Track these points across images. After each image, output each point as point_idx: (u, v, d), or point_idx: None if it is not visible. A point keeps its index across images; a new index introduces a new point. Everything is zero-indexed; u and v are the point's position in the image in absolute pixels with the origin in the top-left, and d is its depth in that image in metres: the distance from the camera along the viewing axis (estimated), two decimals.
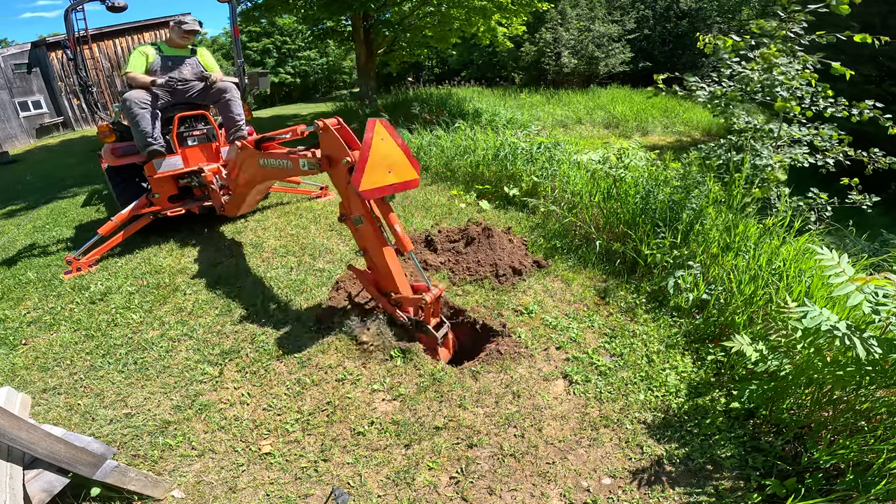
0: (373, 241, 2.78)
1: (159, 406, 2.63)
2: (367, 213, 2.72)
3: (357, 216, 2.74)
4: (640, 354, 2.89)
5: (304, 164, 2.88)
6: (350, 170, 2.59)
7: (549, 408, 2.53)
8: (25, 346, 3.25)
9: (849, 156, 4.08)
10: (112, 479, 1.91)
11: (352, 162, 2.57)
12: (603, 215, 4.22)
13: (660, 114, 14.66)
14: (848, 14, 3.58)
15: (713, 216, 3.51)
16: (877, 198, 4.11)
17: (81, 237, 5.19)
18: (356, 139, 2.68)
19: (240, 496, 2.12)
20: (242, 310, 3.47)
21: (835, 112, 3.87)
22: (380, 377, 2.77)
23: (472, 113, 10.94)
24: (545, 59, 20.93)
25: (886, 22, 9.53)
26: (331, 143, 2.66)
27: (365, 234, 2.78)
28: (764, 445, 2.22)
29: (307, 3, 11.83)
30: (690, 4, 22.98)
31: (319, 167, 2.76)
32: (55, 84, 18.04)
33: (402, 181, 2.66)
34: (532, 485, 2.13)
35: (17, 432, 1.67)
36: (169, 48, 4.53)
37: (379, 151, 2.54)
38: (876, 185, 4.57)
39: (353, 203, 2.72)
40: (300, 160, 2.89)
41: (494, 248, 3.93)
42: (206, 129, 4.69)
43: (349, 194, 2.68)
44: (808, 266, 2.95)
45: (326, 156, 2.72)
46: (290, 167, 3.03)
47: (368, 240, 2.80)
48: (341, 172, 2.66)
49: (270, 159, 3.18)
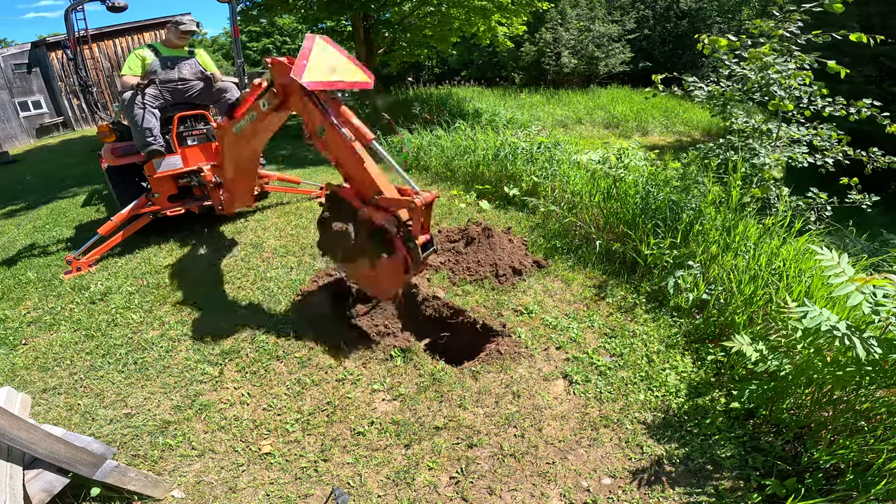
0: (340, 146, 2.60)
1: (159, 406, 2.63)
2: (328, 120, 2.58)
3: (319, 126, 2.62)
4: (639, 354, 2.89)
5: (263, 104, 2.89)
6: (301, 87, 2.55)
7: (549, 408, 2.53)
8: (25, 346, 3.25)
9: (848, 155, 4.08)
10: (112, 479, 1.91)
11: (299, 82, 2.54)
12: (603, 215, 4.22)
13: (660, 114, 14.67)
14: (848, 14, 3.59)
15: (713, 216, 3.51)
16: (876, 197, 4.10)
17: (81, 237, 5.19)
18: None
19: (240, 496, 2.12)
20: (242, 310, 3.47)
21: (833, 111, 3.87)
22: (380, 377, 2.77)
23: (472, 113, 10.95)
24: (545, 59, 20.92)
25: (886, 22, 9.52)
26: (281, 70, 2.66)
27: (331, 141, 2.62)
28: (764, 445, 2.22)
29: (307, 3, 11.82)
30: (690, 4, 22.98)
31: (277, 97, 2.77)
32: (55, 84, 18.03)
33: (350, 80, 2.60)
34: (532, 485, 2.13)
35: (17, 432, 1.67)
36: (166, 49, 4.54)
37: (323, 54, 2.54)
38: (875, 185, 4.57)
39: (311, 116, 2.64)
40: (258, 102, 2.91)
41: (494, 248, 3.93)
42: (205, 129, 4.69)
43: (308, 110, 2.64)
44: (808, 266, 2.95)
45: (280, 85, 2.72)
46: (254, 116, 3.03)
47: (335, 145, 2.62)
48: (296, 93, 2.64)
49: (239, 122, 3.18)
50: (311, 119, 2.66)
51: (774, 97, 3.82)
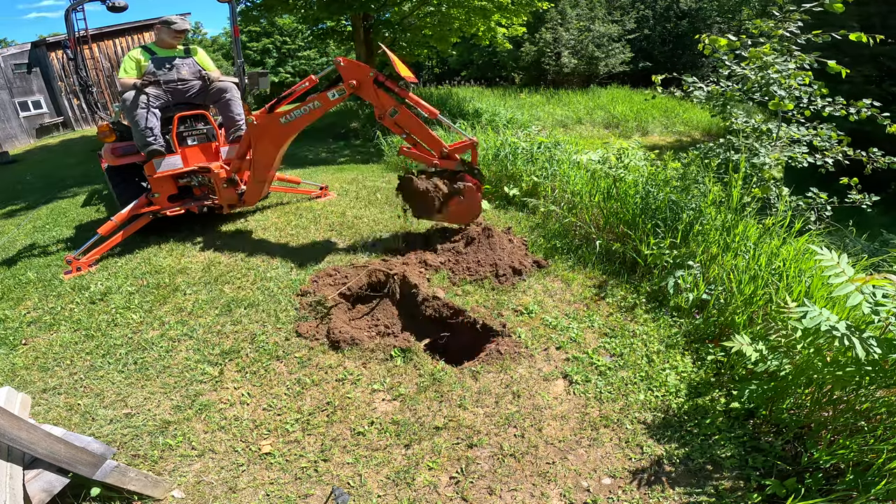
0: (410, 121, 3.57)
1: (159, 406, 2.63)
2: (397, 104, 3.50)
3: (391, 109, 3.50)
4: (640, 354, 2.89)
5: (333, 95, 3.58)
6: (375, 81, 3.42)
7: (549, 408, 2.53)
8: (25, 346, 3.25)
9: (848, 155, 4.08)
10: (112, 479, 1.91)
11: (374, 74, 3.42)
12: (603, 215, 4.22)
13: (660, 114, 14.67)
14: (848, 14, 3.59)
15: (713, 216, 3.51)
16: (876, 197, 4.10)
17: (81, 237, 5.19)
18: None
19: (240, 496, 2.12)
20: (242, 310, 3.47)
21: (833, 111, 3.87)
22: (380, 377, 2.77)
23: (472, 113, 10.95)
24: (545, 59, 20.93)
25: (886, 22, 9.52)
26: (353, 68, 3.49)
27: (402, 120, 3.54)
28: (764, 445, 2.22)
29: (307, 3, 11.82)
30: (690, 4, 22.99)
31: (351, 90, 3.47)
32: (55, 84, 18.03)
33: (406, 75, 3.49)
34: (532, 485, 2.13)
35: (17, 432, 1.67)
36: (161, 49, 4.53)
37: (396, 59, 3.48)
38: (875, 185, 4.57)
39: (384, 102, 3.50)
40: (328, 93, 3.59)
41: (494, 248, 3.92)
42: (205, 129, 4.69)
43: (380, 97, 3.48)
44: (807, 266, 2.95)
45: (353, 80, 3.47)
46: (318, 105, 3.67)
47: (406, 121, 3.57)
48: (369, 87, 3.45)
49: (294, 111, 3.75)
50: (382, 104, 3.53)
51: (774, 97, 3.82)
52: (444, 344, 3.27)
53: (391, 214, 5.19)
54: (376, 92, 3.43)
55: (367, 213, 5.28)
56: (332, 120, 13.51)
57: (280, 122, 3.81)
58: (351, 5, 10.93)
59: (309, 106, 3.68)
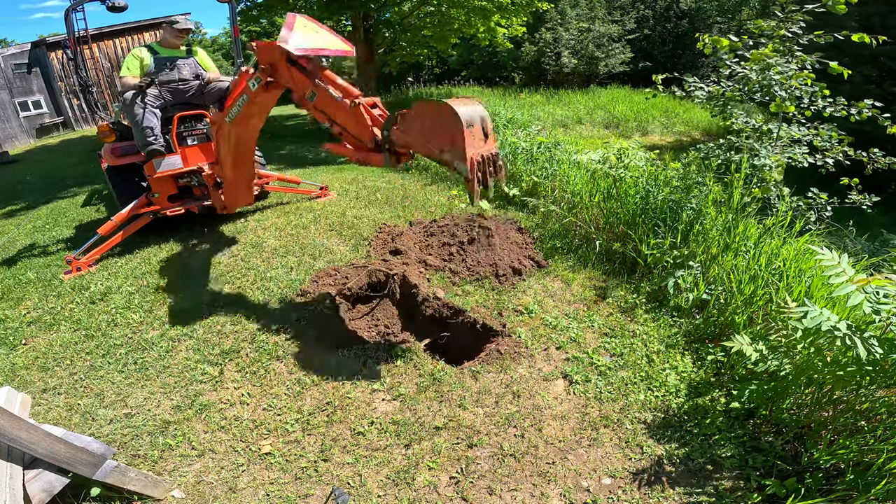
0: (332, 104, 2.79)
1: (159, 406, 2.63)
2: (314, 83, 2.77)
3: (309, 92, 2.81)
4: (640, 354, 2.89)
5: (252, 84, 3.01)
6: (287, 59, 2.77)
7: (549, 408, 2.53)
8: (25, 346, 3.25)
9: (848, 156, 4.08)
10: (112, 479, 1.91)
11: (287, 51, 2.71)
12: (603, 215, 4.22)
13: (660, 114, 14.67)
14: (848, 15, 3.59)
15: (713, 216, 3.51)
16: (876, 198, 4.11)
17: (81, 237, 5.18)
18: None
19: (240, 496, 2.12)
20: (242, 310, 3.47)
21: (834, 112, 3.87)
22: (380, 377, 2.77)
23: None
24: (545, 59, 20.93)
25: (886, 22, 9.53)
26: (265, 49, 2.87)
27: (322, 102, 2.82)
28: (764, 445, 2.22)
29: (307, 3, 11.83)
30: (690, 4, 22.98)
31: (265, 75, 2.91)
32: (55, 84, 18.03)
33: (333, 48, 2.80)
34: (532, 485, 2.13)
35: (17, 432, 1.67)
36: (164, 49, 4.53)
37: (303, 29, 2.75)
38: (875, 185, 4.57)
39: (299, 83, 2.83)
40: (246, 83, 3.04)
41: (494, 248, 3.93)
42: (205, 129, 4.69)
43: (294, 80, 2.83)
44: (808, 266, 2.95)
45: (267, 63, 2.89)
46: (245, 98, 3.15)
47: (326, 104, 2.81)
48: (283, 67, 2.82)
49: (231, 108, 3.27)
50: (298, 86, 2.85)
51: (776, 98, 3.82)
52: (444, 344, 3.27)
53: (391, 214, 5.19)
54: (290, 72, 2.84)
55: (367, 213, 5.28)
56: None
57: (226, 120, 3.39)
58: (351, 5, 10.93)
59: (239, 100, 3.20)
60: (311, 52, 2.73)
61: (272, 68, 2.89)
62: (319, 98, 2.80)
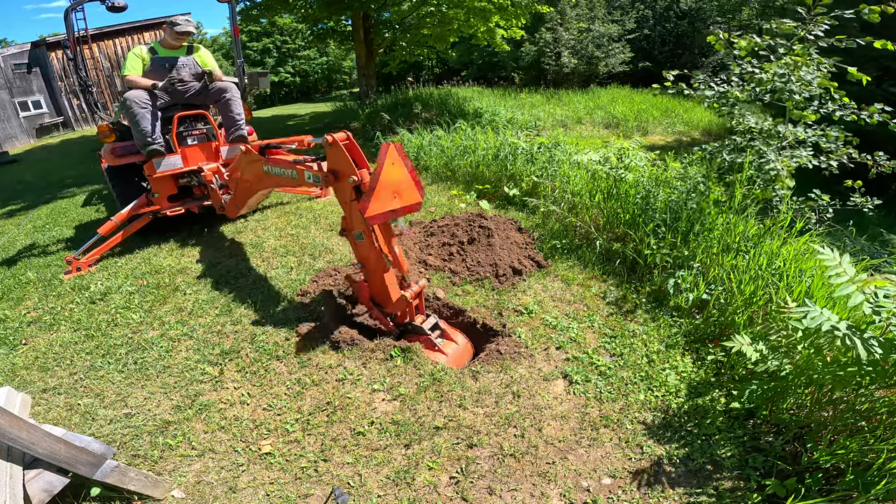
0: (372, 259, 2.82)
1: (159, 406, 2.63)
2: (369, 232, 2.73)
3: (359, 232, 2.77)
4: (640, 354, 2.89)
5: (309, 177, 2.90)
6: (355, 188, 2.64)
7: (549, 408, 2.53)
8: (25, 346, 3.25)
9: (853, 158, 4.05)
10: (112, 478, 1.91)
11: (357, 181, 2.60)
12: (603, 215, 4.22)
13: (660, 114, 14.66)
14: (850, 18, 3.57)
15: (714, 216, 3.51)
16: (878, 200, 4.11)
17: (81, 237, 5.19)
18: (363, 157, 2.71)
19: (240, 496, 2.12)
20: (242, 310, 3.47)
21: (844, 115, 3.83)
22: (380, 377, 2.76)
23: (472, 113, 10.94)
24: (545, 59, 20.91)
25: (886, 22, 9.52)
26: (338, 158, 2.67)
27: (365, 251, 2.83)
28: (764, 445, 2.22)
29: (307, 3, 11.82)
30: (690, 4, 22.97)
31: (325, 182, 2.77)
32: (55, 84, 18.04)
33: (405, 205, 2.70)
34: (532, 485, 2.13)
35: (17, 432, 1.67)
36: (164, 49, 4.53)
37: (389, 177, 2.57)
38: (876, 187, 4.57)
39: (355, 220, 2.75)
40: (306, 172, 2.92)
41: (494, 248, 3.93)
42: (205, 129, 4.69)
43: (352, 211, 2.71)
44: (808, 266, 2.96)
45: (332, 170, 2.72)
46: (294, 177, 3.07)
47: (367, 257, 2.84)
48: (346, 189, 2.68)
49: (276, 167, 3.22)
50: (354, 222, 2.77)
51: (788, 101, 3.78)
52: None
53: None
54: (352, 204, 2.68)
55: None
56: (333, 119, 13.51)
57: (263, 168, 3.36)
58: (351, 5, 10.93)
59: (287, 171, 3.12)
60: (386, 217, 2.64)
61: (336, 179, 2.72)
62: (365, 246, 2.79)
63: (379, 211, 2.58)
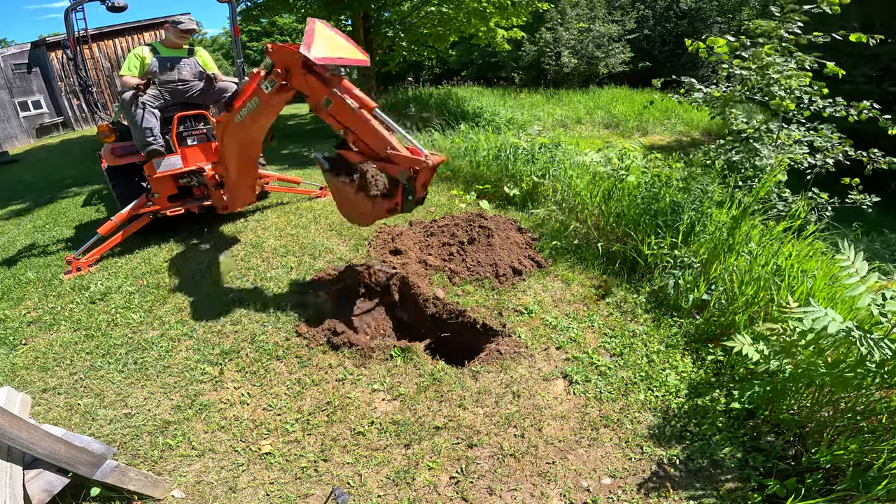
0: (347, 113, 2.82)
1: (159, 406, 2.63)
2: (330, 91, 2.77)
3: (325, 99, 2.80)
4: (640, 354, 2.89)
5: (265, 86, 2.95)
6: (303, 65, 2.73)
7: (549, 408, 2.53)
8: (25, 346, 3.25)
9: (849, 156, 4.08)
10: (112, 478, 1.91)
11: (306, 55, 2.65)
12: (603, 216, 4.22)
13: (660, 114, 14.65)
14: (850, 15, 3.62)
15: (714, 216, 3.51)
16: (877, 198, 4.11)
17: (81, 237, 5.18)
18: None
19: (240, 496, 2.12)
20: (242, 310, 3.47)
21: (833, 112, 3.88)
22: (380, 377, 2.76)
23: (472, 113, 10.94)
24: (545, 59, 20.90)
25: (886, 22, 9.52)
26: (281, 52, 2.80)
27: (338, 110, 2.83)
28: (764, 445, 2.22)
29: (307, 3, 11.82)
30: (690, 4, 22.95)
31: (280, 78, 2.85)
32: (55, 84, 18.03)
33: (351, 58, 2.84)
34: (532, 485, 2.13)
35: (18, 432, 1.67)
36: (166, 49, 4.53)
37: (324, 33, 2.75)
38: (876, 185, 4.57)
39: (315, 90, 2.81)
40: (260, 85, 2.98)
41: (494, 248, 3.92)
42: (205, 129, 4.69)
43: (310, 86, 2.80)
44: (809, 267, 2.95)
45: (283, 66, 2.83)
46: (259, 103, 3.10)
47: (342, 113, 2.83)
48: (298, 73, 2.77)
49: (242, 110, 3.24)
50: (314, 93, 2.83)
51: (775, 97, 3.83)
52: (444, 344, 3.27)
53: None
54: (306, 79, 2.79)
55: None
56: None
57: (235, 120, 3.34)
58: (351, 5, 10.92)
59: (250, 102, 3.14)
60: (330, 61, 2.73)
61: (287, 72, 2.84)
62: (335, 106, 2.82)
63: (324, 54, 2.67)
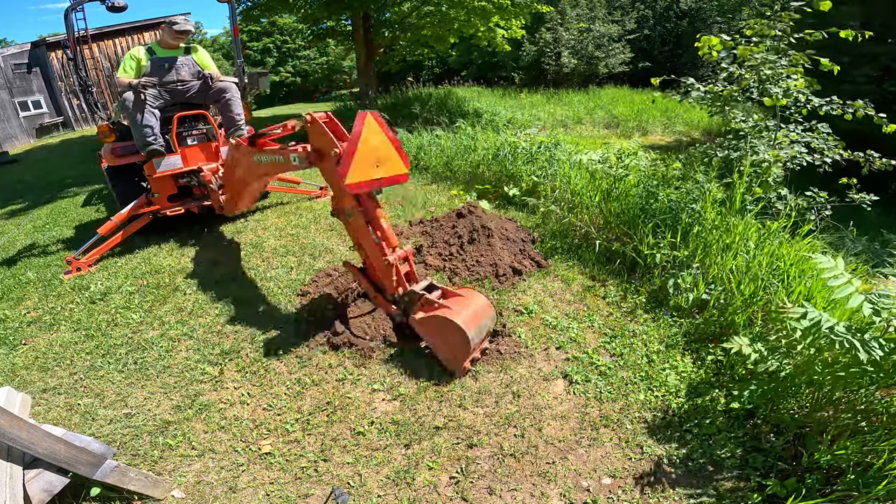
0: (365, 236, 2.78)
1: (159, 406, 2.63)
2: (357, 206, 2.71)
3: (348, 209, 2.73)
4: (640, 354, 2.89)
5: (294, 159, 2.87)
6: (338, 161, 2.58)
7: (549, 408, 2.53)
8: (25, 346, 3.25)
9: (845, 157, 4.10)
10: (112, 478, 1.91)
11: (340, 153, 2.55)
12: (603, 215, 4.22)
13: (660, 114, 14.65)
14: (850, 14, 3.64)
15: (713, 216, 3.51)
16: (875, 197, 4.11)
17: (81, 237, 5.18)
18: (346, 132, 2.68)
19: (240, 496, 2.12)
20: (242, 310, 3.47)
21: (829, 110, 3.90)
22: (380, 377, 2.77)
23: (472, 113, 10.94)
24: (545, 59, 20.89)
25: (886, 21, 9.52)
26: (319, 135, 2.64)
27: (356, 228, 2.80)
28: (764, 445, 2.22)
29: (307, 3, 11.82)
30: (690, 4, 22.94)
31: (309, 161, 2.74)
32: (55, 84, 18.04)
33: (390, 175, 2.67)
34: (532, 485, 2.13)
35: (18, 432, 1.67)
36: (162, 49, 4.52)
37: (368, 144, 2.55)
38: (875, 185, 4.57)
39: (343, 196, 2.71)
40: (291, 154, 2.88)
41: (494, 248, 3.92)
42: (205, 129, 4.69)
43: (339, 187, 2.66)
44: (808, 267, 2.95)
45: (315, 149, 2.70)
46: (282, 162, 3.03)
47: (361, 234, 2.81)
48: (331, 165, 2.63)
49: (264, 155, 3.21)
50: (342, 199, 2.75)
51: (770, 95, 3.85)
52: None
53: (391, 214, 5.19)
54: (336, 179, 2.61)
55: None
56: None
57: (253, 158, 3.31)
58: (351, 5, 10.92)
59: (274, 157, 3.09)
60: (366, 186, 2.62)
61: (320, 158, 2.69)
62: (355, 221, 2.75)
63: (360, 179, 2.53)
